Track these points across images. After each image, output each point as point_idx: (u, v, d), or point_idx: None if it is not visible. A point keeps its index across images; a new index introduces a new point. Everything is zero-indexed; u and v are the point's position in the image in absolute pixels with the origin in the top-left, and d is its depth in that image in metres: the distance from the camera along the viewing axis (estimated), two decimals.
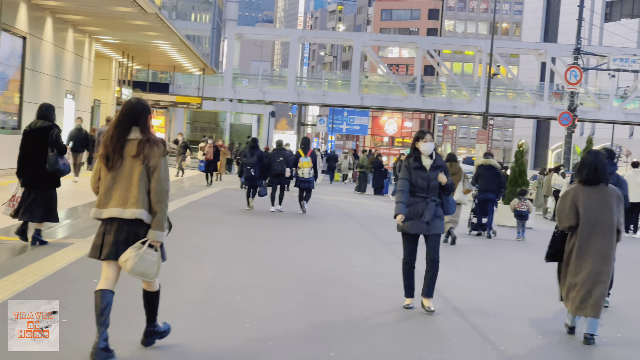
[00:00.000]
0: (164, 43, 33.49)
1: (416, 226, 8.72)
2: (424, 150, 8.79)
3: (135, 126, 6.05)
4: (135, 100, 6.17)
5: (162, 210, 5.98)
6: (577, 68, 32.32)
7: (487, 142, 38.73)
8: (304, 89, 59.08)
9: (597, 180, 7.98)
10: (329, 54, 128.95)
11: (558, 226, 8.19)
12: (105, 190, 6.01)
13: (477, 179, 18.44)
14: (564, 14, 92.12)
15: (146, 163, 5.98)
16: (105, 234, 5.99)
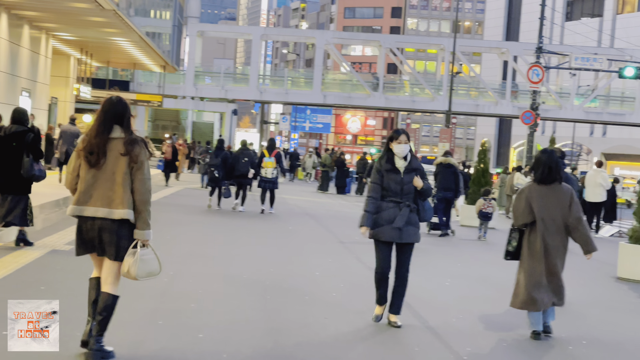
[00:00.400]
0: (124, 40, 32.96)
1: (388, 233, 7.99)
2: (397, 152, 8.02)
3: (118, 125, 6.04)
4: (117, 99, 6.14)
5: (147, 210, 6.03)
6: (539, 67, 32.28)
7: (449, 140, 38.61)
8: (267, 87, 58.68)
9: (552, 179, 8.18)
10: (291, 52, 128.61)
11: (514, 223, 8.38)
12: (86, 188, 5.99)
13: (436, 177, 18.46)
14: (525, 13, 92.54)
15: (131, 162, 5.97)
16: (86, 231, 6.01)
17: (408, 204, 8.01)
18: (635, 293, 11.76)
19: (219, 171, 20.33)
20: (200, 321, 7.56)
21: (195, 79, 56.77)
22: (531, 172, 8.48)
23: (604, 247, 18.90)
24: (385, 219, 8.00)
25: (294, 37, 72.59)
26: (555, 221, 8.10)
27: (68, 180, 6.13)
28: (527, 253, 8.20)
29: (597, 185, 21.22)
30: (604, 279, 13.05)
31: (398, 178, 8.02)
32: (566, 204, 8.12)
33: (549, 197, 8.12)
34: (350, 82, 59.17)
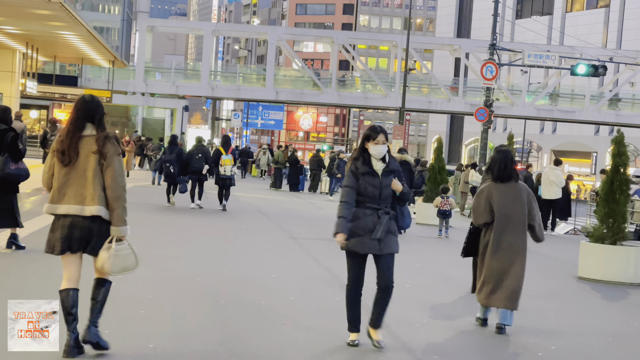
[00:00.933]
0: (71, 34, 32.16)
1: (365, 244, 6.97)
2: (375, 153, 7.10)
3: (90, 123, 6.12)
4: (89, 97, 6.25)
5: (121, 206, 6.06)
6: (493, 63, 32.10)
7: (403, 137, 38.37)
8: (219, 83, 58.02)
9: (508, 176, 8.30)
10: (243, 48, 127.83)
11: (474, 222, 8.49)
12: (59, 187, 6.07)
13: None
14: (477, 10, 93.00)
15: (101, 159, 6.03)
16: (59, 229, 6.05)
17: (387, 210, 7.13)
18: (598, 293, 11.50)
19: (174, 166, 20.19)
20: (151, 330, 7.09)
21: (146, 75, 55.94)
22: (487, 173, 8.53)
23: (562, 246, 18.76)
24: (363, 228, 6.98)
25: (246, 33, 71.97)
26: (514, 219, 8.16)
27: (45, 179, 6.22)
28: (484, 250, 8.29)
29: (551, 183, 21.05)
30: (565, 279, 12.81)
31: (376, 181, 7.09)
32: (524, 201, 8.24)
33: (507, 195, 8.20)
34: (303, 78, 58.77)
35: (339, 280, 10.63)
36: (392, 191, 7.17)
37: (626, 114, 57.13)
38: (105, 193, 6.04)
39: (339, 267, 11.36)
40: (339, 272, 11.29)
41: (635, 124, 56.50)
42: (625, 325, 9.40)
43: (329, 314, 8.15)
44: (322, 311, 8.41)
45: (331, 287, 10.05)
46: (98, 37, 33.25)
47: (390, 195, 7.16)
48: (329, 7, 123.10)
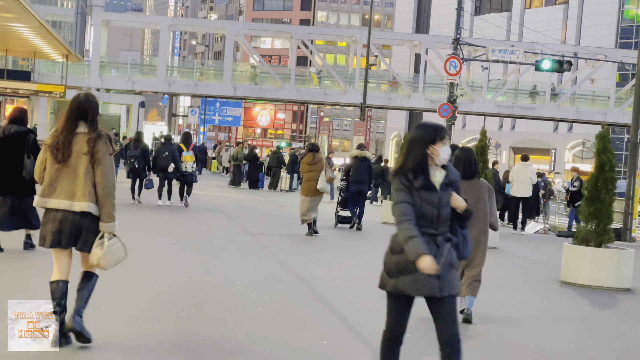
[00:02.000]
0: (22, 26, 31.00)
1: (420, 284, 5.14)
2: (441, 158, 5.29)
3: (83, 121, 6.25)
4: (84, 96, 6.40)
5: (111, 203, 6.24)
6: (457, 59, 31.51)
7: (365, 133, 37.64)
8: (175, 78, 56.87)
9: (471, 174, 8.61)
10: (201, 44, 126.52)
11: None
12: (50, 181, 6.22)
13: (350, 170, 18.26)
14: (435, 7, 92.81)
15: (92, 157, 6.17)
16: (50, 222, 6.20)
17: (449, 237, 5.31)
18: (585, 300, 10.72)
19: (139, 162, 20.18)
20: (104, 344, 6.25)
21: (101, 70, 54.62)
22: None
23: (537, 247, 18.12)
24: (413, 263, 5.09)
25: (203, 27, 70.80)
26: (477, 215, 8.40)
27: (37, 173, 6.36)
28: None
29: (525, 181, 20.42)
30: (547, 284, 12.02)
31: (434, 198, 5.24)
32: (486, 198, 8.65)
33: (469, 191, 8.37)
34: (263, 74, 57.84)
35: (309, 287, 9.86)
36: (452, 209, 5.38)
37: (586, 111, 57.00)
38: (95, 190, 6.21)
39: (308, 272, 10.60)
40: (308, 277, 10.52)
41: (595, 120, 56.35)
42: (625, 339, 8.68)
43: (304, 330, 7.35)
44: (293, 325, 7.61)
45: (301, 296, 9.27)
46: (50, 30, 32.13)
47: (449, 215, 5.34)
48: (287, 3, 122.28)
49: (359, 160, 18.24)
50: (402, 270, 5.16)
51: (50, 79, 51.87)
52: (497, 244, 16.14)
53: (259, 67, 59.45)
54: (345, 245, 15.25)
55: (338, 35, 67.87)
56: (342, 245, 15.11)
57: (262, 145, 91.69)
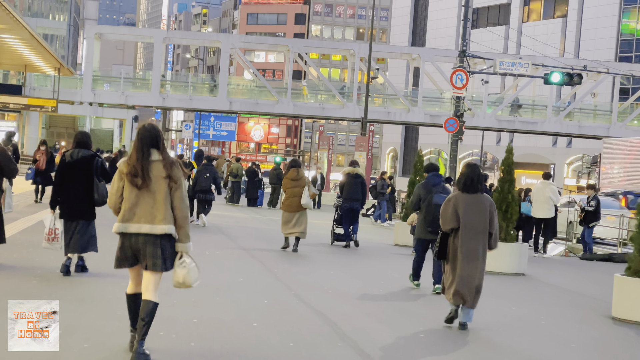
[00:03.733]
0: (12, 38, 29.82)
1: None
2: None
3: (155, 148, 6.65)
4: (149, 125, 6.78)
5: (188, 224, 6.71)
6: (463, 71, 30.40)
7: (367, 149, 36.56)
8: (169, 92, 55.70)
9: (475, 189, 9.28)
10: (195, 57, 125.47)
11: (442, 227, 9.44)
12: (130, 207, 6.56)
13: (343, 187, 18.26)
14: (432, 20, 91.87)
15: (170, 182, 6.60)
16: (130, 247, 6.57)
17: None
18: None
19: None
20: None
21: (94, 84, 53.48)
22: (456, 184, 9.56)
23: (566, 273, 16.79)
24: None
25: (198, 40, 69.59)
26: (478, 226, 9.19)
27: (112, 201, 6.74)
28: (453, 254, 9.29)
29: (545, 200, 19.25)
30: (599, 321, 10.74)
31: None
32: (487, 211, 9.24)
33: (472, 205, 9.20)
34: (257, 88, 56.75)
35: (335, 328, 8.65)
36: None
37: (588, 125, 56.06)
38: (173, 212, 6.63)
39: (329, 307, 9.41)
40: (331, 314, 9.32)
41: (597, 135, 55.37)
42: None
43: None
44: None
45: (329, 340, 8.06)
46: (42, 42, 30.95)
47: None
48: (281, 17, 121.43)
49: (352, 177, 18.17)
50: None
51: (41, 93, 50.69)
52: (525, 269, 15.00)
53: (255, 80, 58.36)
54: (361, 272, 14.05)
55: (335, 49, 66.85)
56: (359, 272, 13.91)
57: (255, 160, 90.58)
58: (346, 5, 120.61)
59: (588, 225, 19.86)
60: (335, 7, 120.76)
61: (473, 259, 9.14)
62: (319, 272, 13.73)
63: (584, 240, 19.97)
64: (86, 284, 10.05)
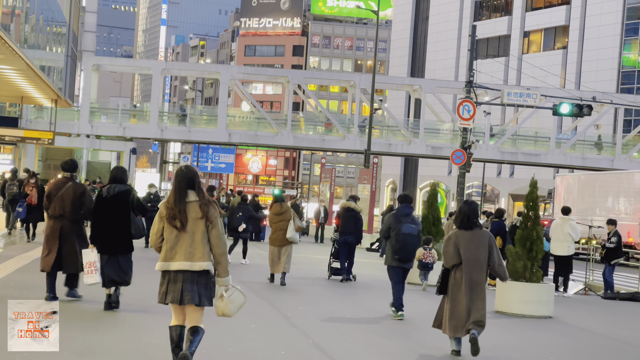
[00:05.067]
0: (8, 68, 29.08)
1: None
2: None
3: (191, 190, 7.22)
4: (186, 168, 7.34)
5: (226, 260, 7.27)
6: (470, 102, 29.66)
7: (371, 182, 35.78)
8: (167, 124, 54.97)
9: (471, 225, 9.76)
10: (193, 89, 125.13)
11: (444, 264, 9.89)
12: (171, 247, 7.15)
13: (338, 221, 18.54)
14: (431, 52, 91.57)
15: (207, 222, 7.15)
16: (171, 282, 7.13)
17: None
18: None
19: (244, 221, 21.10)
20: None
21: (91, 116, 52.78)
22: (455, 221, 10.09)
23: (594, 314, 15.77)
24: None
25: (196, 72, 68.98)
26: (478, 261, 9.64)
27: (153, 241, 7.24)
28: (453, 287, 9.67)
29: (565, 237, 18.39)
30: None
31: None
32: (486, 246, 9.71)
33: (472, 241, 9.68)
34: (257, 120, 56.07)
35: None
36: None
37: (592, 157, 55.36)
38: (210, 250, 7.13)
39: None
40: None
41: (601, 167, 54.66)
42: None
43: None
44: None
45: None
46: (39, 73, 30.21)
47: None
48: (279, 49, 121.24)
49: (345, 210, 18.34)
50: None
51: (38, 125, 49.97)
52: (551, 311, 14.14)
53: (254, 112, 57.71)
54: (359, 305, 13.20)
55: (336, 80, 66.31)
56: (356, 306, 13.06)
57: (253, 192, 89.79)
58: (344, 37, 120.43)
59: (609, 263, 18.99)
60: (333, 39, 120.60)
61: (475, 292, 9.60)
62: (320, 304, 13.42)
63: (606, 278, 19.10)
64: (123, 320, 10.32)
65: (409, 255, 12.72)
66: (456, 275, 9.63)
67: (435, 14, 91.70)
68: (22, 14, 27.64)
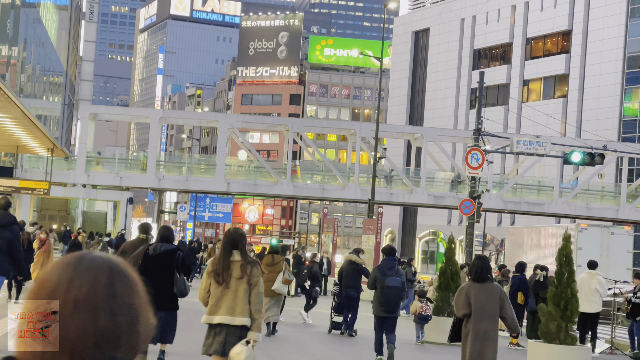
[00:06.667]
0: (4, 117, 28.21)
1: None
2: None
3: (236, 250, 7.98)
4: (233, 230, 8.22)
5: (260, 317, 7.90)
6: (479, 151, 28.82)
7: (376, 232, 34.80)
8: (163, 173, 54.07)
9: (484, 278, 10.19)
10: (191, 137, 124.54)
11: (455, 314, 10.35)
12: (215, 301, 7.84)
13: (341, 275, 18.40)
14: (429, 100, 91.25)
15: (249, 281, 7.83)
16: (215, 335, 7.80)
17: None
18: None
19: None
20: None
21: (87, 165, 51.89)
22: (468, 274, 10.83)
23: None
24: None
25: (195, 120, 68.26)
26: (488, 312, 10.01)
27: (201, 296, 8.10)
28: (465, 337, 10.06)
29: (592, 292, 17.38)
30: None
31: None
32: (497, 298, 10.06)
33: (483, 292, 10.08)
34: (256, 169, 55.25)
35: None
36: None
37: (597, 207, 54.46)
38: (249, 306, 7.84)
39: None
40: None
41: (607, 217, 53.79)
42: None
43: None
44: None
45: None
46: (35, 121, 29.34)
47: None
48: (276, 98, 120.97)
49: (347, 263, 18.32)
50: None
51: (33, 175, 49.04)
52: None
53: (253, 161, 56.92)
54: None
55: (335, 128, 65.67)
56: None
57: (250, 242, 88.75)
58: (341, 85, 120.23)
59: (635, 319, 17.97)
60: (330, 88, 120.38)
61: (485, 340, 9.97)
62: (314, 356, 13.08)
63: (632, 335, 18.06)
64: None
65: (393, 306, 13.83)
66: (467, 325, 10.10)
67: (433, 62, 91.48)
68: (17, 63, 26.88)
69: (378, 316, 13.97)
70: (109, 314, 1.97)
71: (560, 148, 41.95)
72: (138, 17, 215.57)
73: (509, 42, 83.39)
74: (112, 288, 1.97)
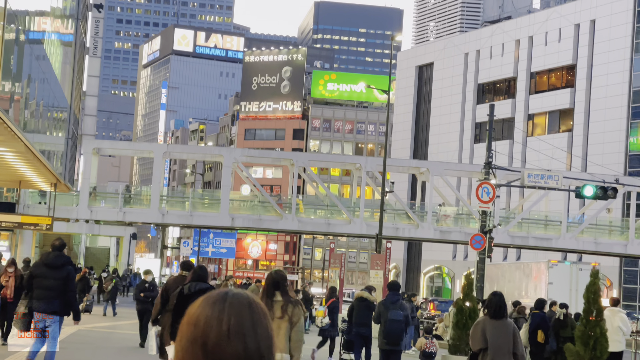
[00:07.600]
0: (7, 151, 27.74)
1: None
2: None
3: (278, 291, 8.34)
4: (275, 272, 8.62)
5: (299, 353, 8.27)
6: (490, 184, 28.34)
7: (384, 267, 34.20)
8: (165, 208, 53.56)
9: (500, 315, 10.42)
10: (193, 172, 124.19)
11: (471, 348, 10.60)
12: None
13: (351, 312, 18.21)
14: (434, 135, 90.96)
15: (290, 319, 8.16)
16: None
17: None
18: None
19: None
20: None
21: (90, 201, 51.41)
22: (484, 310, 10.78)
23: None
24: None
25: (199, 154, 67.90)
26: (503, 347, 10.17)
27: None
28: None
29: (615, 331, 16.78)
30: None
31: None
32: (511, 334, 10.26)
33: (498, 328, 10.27)
34: (260, 204, 54.76)
35: None
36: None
37: (605, 242, 53.80)
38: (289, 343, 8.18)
39: None
40: None
41: (615, 252, 53.17)
42: None
43: None
44: None
45: None
46: (38, 155, 28.86)
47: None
48: (279, 132, 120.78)
49: (357, 301, 18.25)
50: None
51: (36, 211, 48.57)
52: None
53: (258, 195, 56.45)
54: None
55: (340, 162, 65.19)
56: None
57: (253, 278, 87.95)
58: (344, 120, 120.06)
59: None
60: (334, 122, 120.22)
61: None
62: None
63: None
64: None
65: (396, 339, 14.44)
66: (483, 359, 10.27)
67: (437, 97, 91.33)
68: (21, 99, 26.49)
69: (383, 349, 14.63)
70: (253, 339, 2.46)
71: (567, 182, 41.43)
72: (141, 52, 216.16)
73: (513, 76, 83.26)
74: (252, 318, 2.49)
